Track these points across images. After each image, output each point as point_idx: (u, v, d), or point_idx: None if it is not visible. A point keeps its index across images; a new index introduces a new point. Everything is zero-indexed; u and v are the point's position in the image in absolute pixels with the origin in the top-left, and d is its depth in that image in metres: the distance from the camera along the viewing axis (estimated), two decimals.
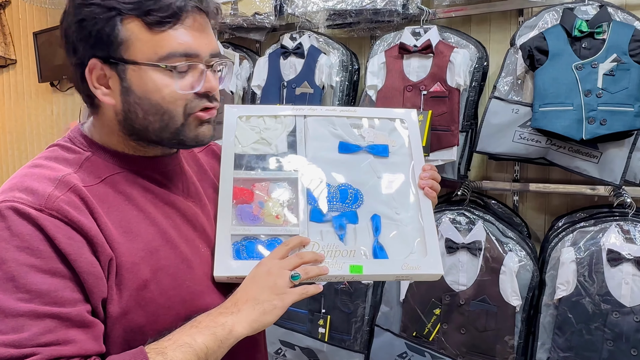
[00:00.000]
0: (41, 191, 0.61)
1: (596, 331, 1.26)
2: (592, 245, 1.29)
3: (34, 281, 0.57)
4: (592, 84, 1.25)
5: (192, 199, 0.75)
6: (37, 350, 0.55)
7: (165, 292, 0.65)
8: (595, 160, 1.31)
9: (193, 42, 0.65)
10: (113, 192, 0.66)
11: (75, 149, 0.68)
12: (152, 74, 0.64)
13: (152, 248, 0.66)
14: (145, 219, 0.67)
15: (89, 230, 0.60)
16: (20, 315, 0.55)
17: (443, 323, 1.43)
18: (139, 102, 0.65)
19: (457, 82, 1.43)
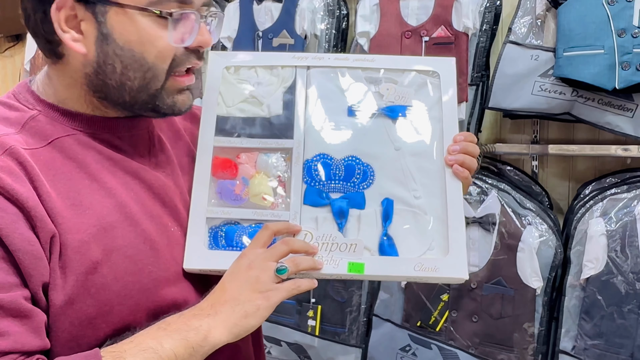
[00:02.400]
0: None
1: (630, 314, 1.26)
2: (625, 215, 1.28)
3: None
4: (627, 21, 1.22)
5: (162, 169, 0.72)
6: None
7: (120, 277, 0.62)
8: (629, 114, 1.29)
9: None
10: (61, 158, 0.63)
11: (19, 107, 0.64)
12: (140, 21, 0.61)
13: (106, 224, 0.62)
14: (99, 189, 0.64)
15: (25, 200, 0.56)
16: None
17: (452, 310, 1.42)
18: (120, 53, 0.62)
19: (465, 25, 1.39)
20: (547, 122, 1.52)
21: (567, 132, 1.53)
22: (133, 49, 0.62)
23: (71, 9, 0.60)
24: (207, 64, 0.80)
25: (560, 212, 1.55)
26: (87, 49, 0.62)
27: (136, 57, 0.62)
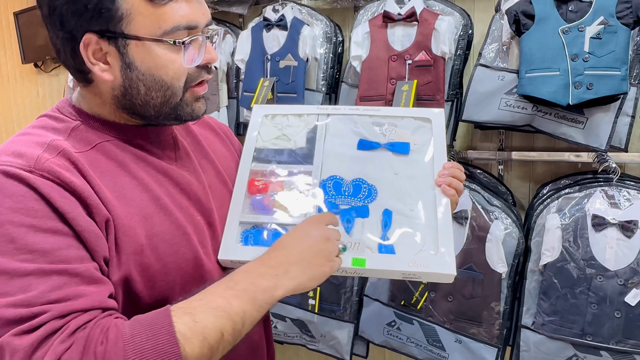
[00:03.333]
0: (30, 154, 0.57)
1: (581, 295, 1.24)
2: (577, 211, 1.25)
3: (35, 241, 0.53)
4: (579, 47, 1.18)
5: (186, 168, 0.71)
6: (47, 307, 0.51)
7: (161, 258, 0.62)
8: (581, 126, 1.26)
9: (193, 13, 0.61)
10: (105, 159, 0.63)
11: (64, 118, 0.64)
12: (156, 50, 0.61)
13: (146, 214, 0.62)
14: (138, 185, 0.63)
15: (82, 191, 0.57)
16: (26, 275, 0.52)
17: (430, 291, 1.40)
18: (142, 78, 0.62)
19: (442, 50, 1.35)
20: (511, 132, 1.50)
21: (528, 141, 1.52)
22: (153, 74, 0.62)
23: (97, 44, 0.60)
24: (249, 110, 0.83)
25: (522, 208, 1.54)
26: (114, 76, 0.62)
27: (156, 79, 0.62)
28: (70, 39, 0.60)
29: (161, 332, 0.52)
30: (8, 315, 0.50)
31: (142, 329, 0.52)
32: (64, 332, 0.51)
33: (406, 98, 1.35)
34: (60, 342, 0.50)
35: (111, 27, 0.59)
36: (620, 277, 1.20)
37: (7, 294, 0.51)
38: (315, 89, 1.58)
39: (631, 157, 1.35)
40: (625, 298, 1.20)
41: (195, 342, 0.52)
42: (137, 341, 0.51)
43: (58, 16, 0.59)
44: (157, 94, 0.63)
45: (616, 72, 1.15)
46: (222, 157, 0.81)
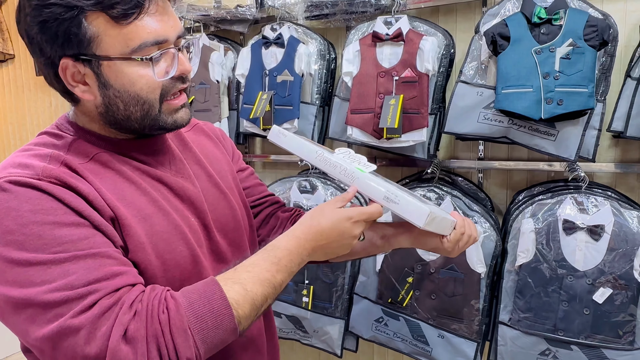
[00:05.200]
0: (35, 165, 0.57)
1: (553, 294, 1.25)
2: (549, 216, 1.27)
3: (62, 234, 0.53)
4: (550, 67, 1.20)
5: (180, 175, 0.71)
6: (95, 287, 0.52)
7: (161, 255, 0.62)
8: (552, 138, 1.27)
9: (160, 28, 0.60)
10: (103, 168, 0.63)
11: (62, 135, 0.64)
12: (127, 67, 0.59)
13: (146, 215, 0.63)
14: (136, 189, 0.64)
15: (87, 194, 0.57)
16: (62, 263, 0.52)
17: (415, 290, 1.41)
18: (119, 95, 0.61)
19: (426, 68, 1.37)
20: (490, 143, 1.51)
21: (506, 151, 1.53)
22: (128, 90, 0.61)
23: (74, 67, 0.59)
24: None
25: (500, 213, 1.55)
26: (94, 95, 0.61)
27: (132, 95, 0.61)
28: (51, 64, 0.60)
29: (214, 298, 0.55)
30: (53, 299, 0.50)
31: (197, 297, 0.56)
32: (123, 305, 0.52)
33: (393, 112, 1.37)
34: (123, 313, 0.51)
35: (82, 51, 0.58)
36: (588, 277, 1.22)
37: (47, 282, 0.51)
38: (310, 102, 1.59)
39: (599, 166, 1.37)
40: (593, 296, 1.22)
41: (246, 307, 0.57)
42: (195, 307, 0.54)
43: (36, 44, 0.59)
44: (135, 108, 0.62)
45: (584, 89, 1.18)
46: (215, 161, 0.81)
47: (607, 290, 1.21)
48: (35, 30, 0.58)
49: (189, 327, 0.53)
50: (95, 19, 0.57)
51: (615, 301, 1.20)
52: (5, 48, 2.61)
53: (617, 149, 1.40)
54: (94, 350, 0.49)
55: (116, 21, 0.57)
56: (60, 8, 0.56)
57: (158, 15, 0.59)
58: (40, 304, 0.50)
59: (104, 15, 0.56)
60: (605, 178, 1.42)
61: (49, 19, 0.56)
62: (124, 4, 0.56)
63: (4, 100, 2.77)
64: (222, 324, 0.55)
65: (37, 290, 0.51)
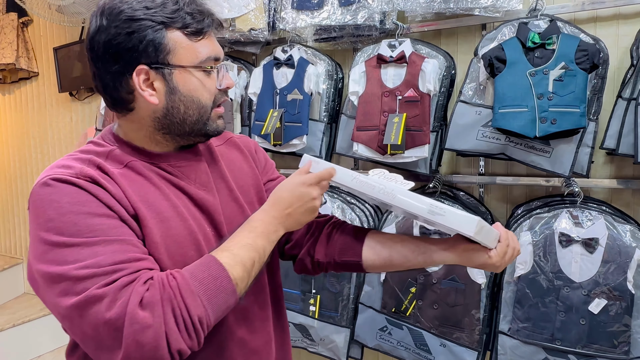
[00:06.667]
0: (75, 166, 0.67)
1: (550, 304, 1.30)
2: (546, 229, 1.33)
3: (94, 222, 0.62)
4: (544, 88, 1.27)
5: (203, 187, 0.77)
6: (119, 266, 0.60)
7: (172, 256, 0.68)
8: (547, 155, 1.33)
9: (216, 49, 0.73)
10: (134, 174, 0.71)
11: (104, 144, 0.74)
12: (195, 75, 0.70)
13: (164, 217, 0.69)
14: (160, 194, 0.71)
15: (115, 193, 0.66)
16: (93, 245, 0.60)
17: (418, 300, 1.46)
18: (183, 99, 0.70)
19: (428, 88, 1.45)
20: (490, 160, 1.56)
21: (506, 167, 1.58)
22: (192, 95, 0.71)
23: (146, 74, 0.69)
24: None
25: None
26: (159, 99, 0.70)
27: (194, 99, 0.71)
28: (122, 71, 0.68)
29: (211, 264, 0.64)
30: (82, 274, 0.59)
31: (196, 267, 0.64)
32: (139, 281, 0.60)
33: (396, 129, 1.46)
34: (139, 286, 0.59)
35: (160, 59, 0.68)
36: (584, 288, 1.27)
37: (78, 261, 0.59)
38: (318, 119, 1.69)
39: (595, 182, 1.42)
40: (589, 307, 1.26)
41: (238, 268, 0.66)
42: (196, 274, 0.63)
43: (113, 54, 0.67)
44: (193, 112, 0.71)
45: (576, 109, 1.25)
46: (240, 175, 0.85)
47: (602, 301, 1.26)
48: (120, 39, 0.67)
49: (195, 290, 0.61)
50: (174, 33, 0.68)
51: (610, 312, 1.25)
52: (30, 66, 2.77)
53: (612, 166, 1.46)
54: (114, 316, 0.57)
55: (189, 37, 0.69)
56: (150, 22, 0.67)
57: (213, 39, 0.73)
58: (71, 278, 0.59)
59: (181, 32, 0.69)
60: (601, 193, 1.48)
61: (137, 31, 0.67)
62: (197, 24, 0.69)
63: (27, 116, 2.92)
64: (221, 285, 0.63)
65: (70, 267, 0.59)
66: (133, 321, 0.57)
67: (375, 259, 0.84)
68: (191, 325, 0.60)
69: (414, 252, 0.81)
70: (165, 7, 0.68)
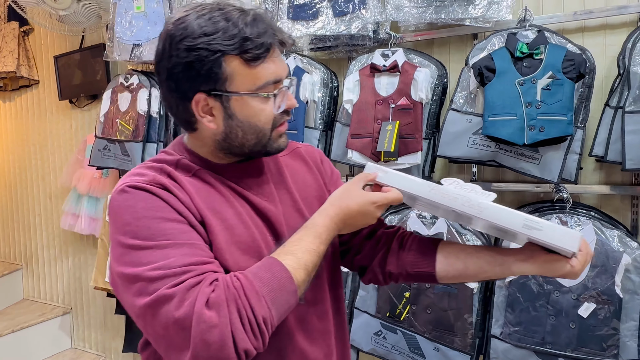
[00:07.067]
0: (148, 174, 0.71)
1: (541, 308, 1.33)
2: None
3: (167, 227, 0.65)
4: (532, 97, 1.31)
5: (265, 197, 0.79)
6: (188, 268, 0.62)
7: (235, 263, 0.70)
8: (536, 162, 1.36)
9: (277, 70, 0.71)
10: (201, 182, 0.74)
11: (173, 153, 0.78)
12: (252, 102, 0.70)
13: (229, 225, 0.72)
14: (225, 202, 0.74)
15: (183, 200, 0.69)
16: (164, 248, 0.64)
17: (412, 304, 1.49)
18: (240, 125, 0.72)
19: (420, 97, 1.49)
20: (482, 167, 1.58)
21: (498, 174, 1.61)
22: (249, 121, 0.71)
23: (204, 101, 0.70)
24: None
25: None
26: (217, 125, 0.72)
27: (251, 125, 0.72)
28: (183, 97, 0.70)
29: (274, 266, 0.66)
30: (155, 275, 0.62)
31: (260, 269, 0.66)
32: (205, 282, 0.62)
33: (389, 137, 1.50)
34: (205, 287, 0.62)
35: (217, 87, 0.69)
36: (573, 292, 1.30)
37: (151, 262, 0.63)
38: (314, 126, 1.73)
39: (584, 188, 1.46)
40: (578, 311, 1.29)
41: (301, 272, 0.68)
42: (259, 276, 0.65)
43: (174, 80, 0.69)
44: (251, 136, 0.72)
45: (563, 117, 1.29)
46: (304, 187, 0.86)
47: (591, 305, 1.29)
48: (179, 69, 0.68)
49: (259, 290, 0.63)
50: (232, 60, 0.68)
51: (599, 315, 1.28)
52: (31, 74, 2.82)
53: (601, 172, 1.49)
54: (182, 315, 0.59)
55: (247, 63, 0.68)
56: (207, 52, 0.67)
57: (275, 58, 0.71)
58: (145, 278, 0.62)
59: (239, 58, 0.68)
60: (591, 199, 1.51)
61: (195, 60, 0.67)
62: (256, 49, 0.68)
63: (28, 123, 2.96)
64: (284, 286, 0.65)
65: (144, 269, 0.63)
66: (200, 320, 0.59)
67: (449, 270, 0.83)
68: (256, 325, 0.62)
69: (490, 263, 0.79)
70: (225, 33, 0.67)
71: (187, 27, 0.68)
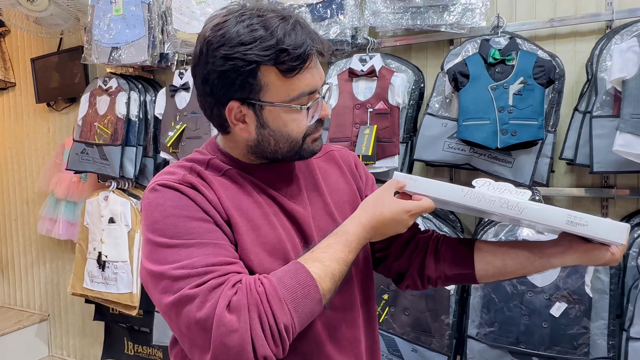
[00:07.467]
0: (178, 172, 0.72)
1: (515, 308, 1.36)
2: (510, 237, 1.40)
3: (193, 226, 0.66)
4: (505, 102, 1.36)
5: (294, 199, 0.78)
6: (211, 268, 0.63)
7: (260, 264, 0.70)
8: (509, 165, 1.41)
9: (313, 80, 0.70)
10: (230, 181, 0.74)
11: (205, 153, 0.79)
12: (285, 113, 0.70)
13: (255, 225, 0.72)
14: (253, 202, 0.74)
15: (211, 200, 0.70)
16: (189, 247, 0.64)
17: (391, 306, 1.51)
18: (273, 134, 0.72)
19: (397, 101, 1.52)
20: (459, 170, 1.61)
21: (475, 176, 1.61)
22: (282, 130, 0.71)
23: (238, 109, 0.70)
24: None
25: (469, 234, 1.66)
26: (249, 133, 0.72)
27: (284, 135, 0.72)
28: (217, 103, 0.71)
29: (300, 273, 0.65)
30: (179, 274, 0.62)
31: (285, 275, 0.65)
32: (228, 284, 0.62)
33: (367, 140, 1.53)
34: (227, 289, 0.62)
35: (252, 96, 0.69)
36: (546, 292, 1.35)
37: (176, 261, 0.64)
38: None
39: (556, 190, 1.51)
40: (550, 310, 1.34)
41: (327, 280, 0.66)
42: (284, 281, 0.64)
43: (210, 86, 0.69)
44: (284, 145, 0.73)
45: (534, 122, 1.34)
46: (336, 191, 0.85)
47: (562, 304, 1.33)
48: (215, 76, 0.68)
49: (283, 297, 0.62)
50: (267, 71, 0.67)
51: (570, 315, 1.32)
52: (7, 77, 2.78)
53: (573, 175, 1.54)
54: (203, 316, 0.60)
55: (283, 74, 0.67)
56: (242, 62, 0.66)
57: (312, 68, 0.70)
58: (170, 277, 0.63)
59: (275, 69, 0.67)
60: (564, 201, 1.55)
61: (231, 70, 0.67)
62: (292, 60, 0.66)
63: (4, 126, 2.91)
64: (309, 294, 0.64)
65: (169, 267, 0.63)
66: (220, 324, 0.59)
67: (489, 269, 0.82)
68: (277, 332, 0.61)
69: (529, 258, 0.78)
70: (263, 42, 0.66)
71: (224, 35, 0.67)
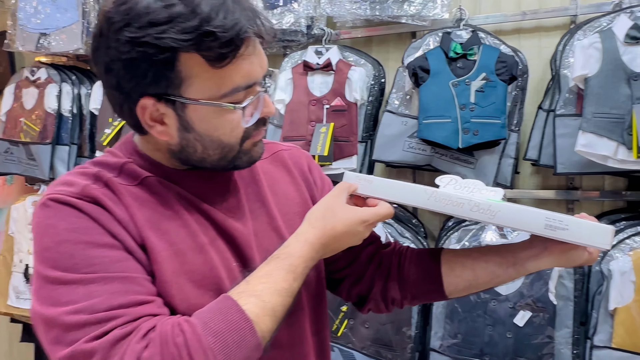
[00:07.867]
0: (78, 183, 0.58)
1: (478, 318, 1.32)
2: (473, 241, 1.35)
3: (94, 255, 0.53)
4: (466, 99, 1.30)
5: (232, 213, 0.65)
6: (117, 312, 0.51)
7: (186, 299, 0.58)
8: (472, 167, 1.36)
9: (252, 70, 0.57)
10: (148, 193, 0.60)
11: (119, 155, 0.64)
12: (215, 112, 0.57)
13: (179, 250, 0.59)
14: (177, 219, 0.60)
15: (121, 219, 0.57)
16: (89, 283, 0.52)
17: (350, 319, 1.44)
18: (199, 138, 0.58)
19: (355, 97, 1.45)
20: (422, 172, 1.54)
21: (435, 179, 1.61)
22: (211, 134, 0.58)
23: (153, 107, 0.57)
24: None
25: (433, 239, 1.60)
26: (171, 136, 0.59)
27: (213, 139, 0.59)
28: (126, 99, 0.57)
29: (231, 313, 0.53)
30: (74, 321, 0.50)
31: (212, 315, 0.53)
32: (137, 334, 0.50)
33: (323, 140, 1.43)
34: (135, 342, 0.49)
35: (169, 91, 0.55)
36: (510, 300, 1.30)
37: (71, 303, 0.51)
38: None
39: (521, 193, 1.46)
40: (514, 320, 1.29)
41: (267, 320, 0.55)
42: (211, 326, 0.52)
43: (115, 77, 0.56)
44: (214, 151, 0.60)
45: (497, 120, 1.28)
46: (285, 200, 0.73)
47: (526, 313, 1.29)
48: (119, 65, 0.54)
49: (209, 347, 0.50)
50: (189, 59, 0.53)
51: (534, 324, 1.28)
52: None
53: (538, 176, 1.50)
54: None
55: (210, 64, 0.54)
56: (155, 48, 0.52)
57: (249, 56, 0.56)
58: (62, 325, 0.51)
59: (199, 56, 0.53)
60: (528, 204, 1.47)
61: (140, 58, 0.53)
62: (220, 46, 0.53)
63: None
64: (243, 340, 0.52)
65: (62, 311, 0.51)
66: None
67: (459, 282, 0.73)
68: None
69: (502, 265, 0.70)
70: (182, 21, 0.52)
71: (129, 11, 0.53)
